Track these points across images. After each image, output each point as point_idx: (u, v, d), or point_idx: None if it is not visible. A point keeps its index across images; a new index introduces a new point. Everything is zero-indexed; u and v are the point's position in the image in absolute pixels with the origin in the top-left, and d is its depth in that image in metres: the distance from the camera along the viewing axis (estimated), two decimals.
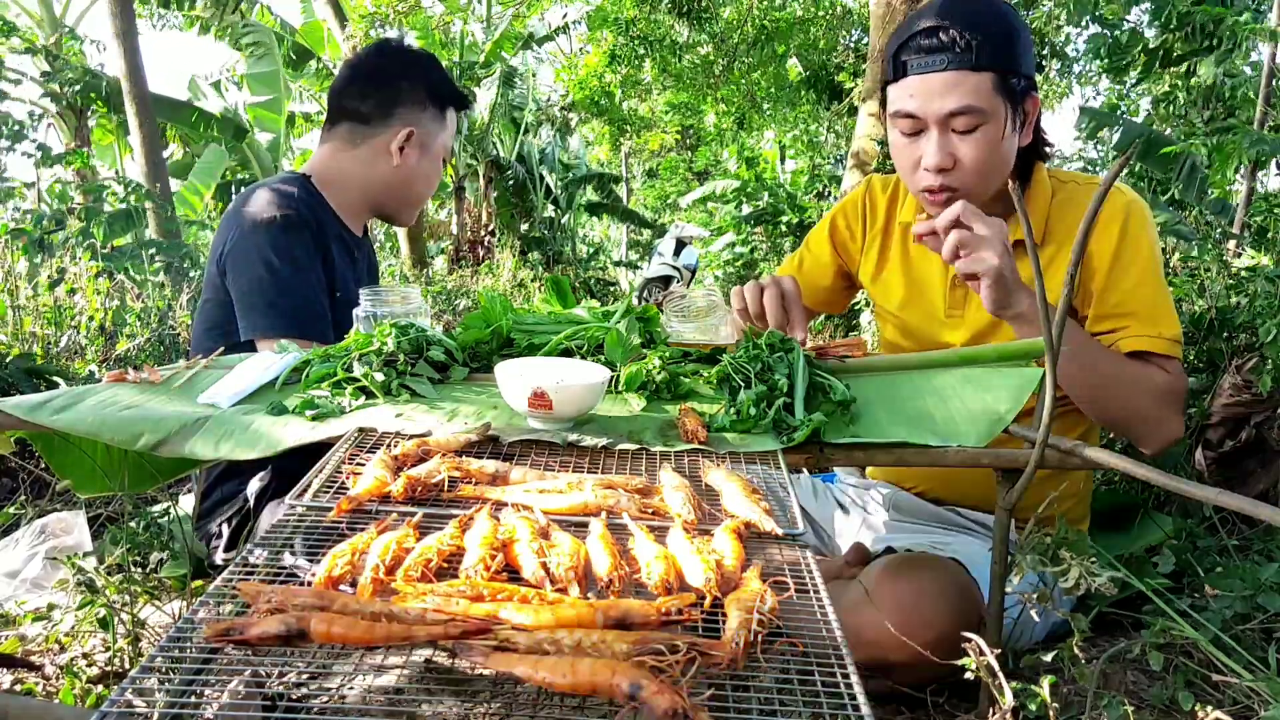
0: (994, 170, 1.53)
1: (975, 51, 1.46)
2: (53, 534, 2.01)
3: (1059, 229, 1.61)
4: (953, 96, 1.48)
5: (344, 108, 1.97)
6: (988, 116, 1.49)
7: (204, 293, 1.95)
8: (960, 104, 1.48)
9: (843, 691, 0.75)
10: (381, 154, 1.95)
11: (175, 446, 1.24)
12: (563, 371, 1.37)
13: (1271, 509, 0.84)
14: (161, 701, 0.74)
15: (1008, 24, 1.50)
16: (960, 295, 1.68)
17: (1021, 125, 1.55)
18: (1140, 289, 1.54)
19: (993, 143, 1.50)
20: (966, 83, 1.47)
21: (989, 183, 1.55)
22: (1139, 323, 1.53)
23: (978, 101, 1.47)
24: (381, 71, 1.95)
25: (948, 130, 1.51)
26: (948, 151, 1.51)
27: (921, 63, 1.49)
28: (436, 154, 2.02)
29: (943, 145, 1.51)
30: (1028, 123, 1.56)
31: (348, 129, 1.96)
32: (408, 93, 1.95)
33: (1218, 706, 1.13)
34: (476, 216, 13.01)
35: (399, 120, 1.94)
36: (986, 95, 1.48)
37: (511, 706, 0.79)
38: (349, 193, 1.97)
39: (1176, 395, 1.53)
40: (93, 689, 1.43)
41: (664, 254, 11.62)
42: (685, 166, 16.28)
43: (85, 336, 3.52)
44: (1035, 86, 1.56)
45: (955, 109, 1.48)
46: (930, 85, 1.49)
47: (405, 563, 0.88)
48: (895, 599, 1.40)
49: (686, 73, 9.25)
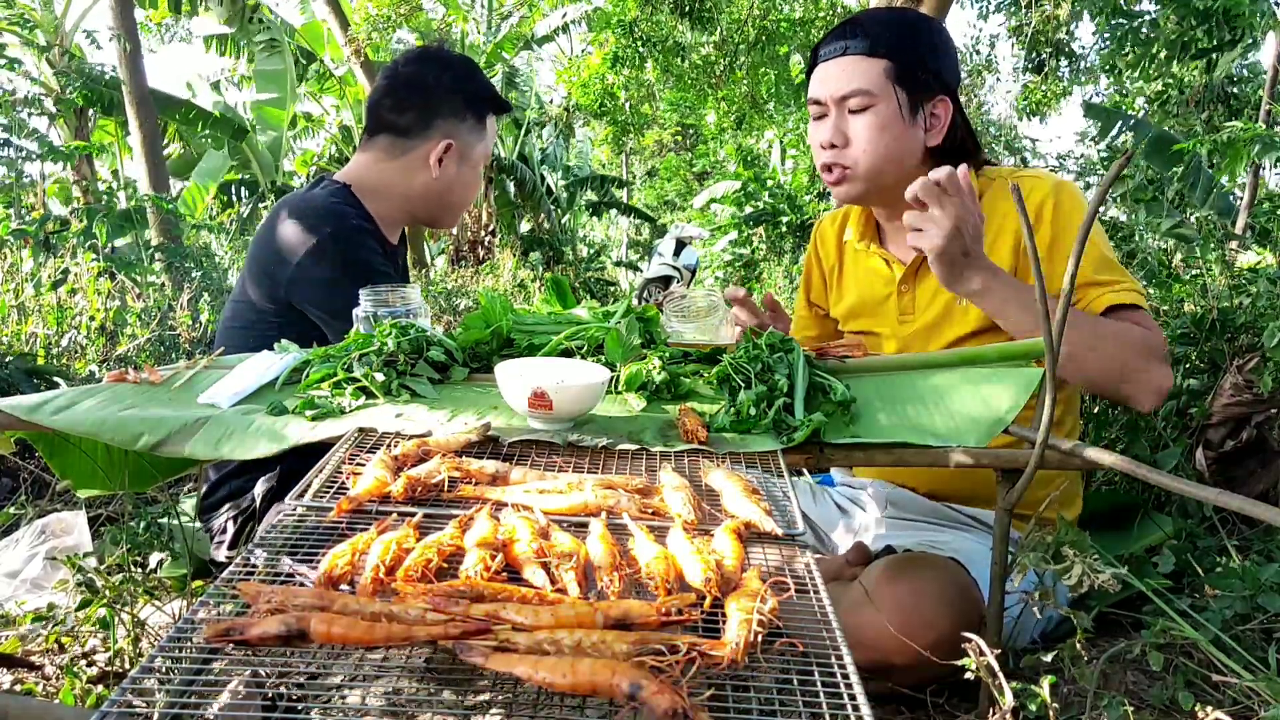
0: (883, 151, 1.64)
1: (872, 40, 1.61)
2: (53, 534, 2.01)
3: (988, 228, 1.63)
4: (845, 78, 1.63)
5: (382, 119, 1.96)
6: (877, 99, 1.61)
7: (236, 293, 1.94)
8: (851, 86, 1.62)
9: (843, 692, 0.75)
10: (421, 165, 1.95)
11: (175, 447, 1.24)
12: (563, 372, 1.37)
13: (1271, 509, 0.84)
14: (161, 702, 0.74)
15: (918, 29, 1.64)
16: (909, 299, 1.75)
17: (928, 124, 1.65)
18: (1084, 263, 1.54)
19: (881, 124, 1.62)
20: (859, 66, 1.62)
21: (878, 164, 1.65)
22: (1096, 288, 1.56)
23: (867, 84, 1.61)
24: (418, 82, 1.94)
25: (844, 112, 1.65)
26: (840, 130, 1.65)
27: (827, 52, 1.66)
28: (476, 162, 2.01)
29: (836, 124, 1.66)
30: (938, 125, 1.66)
31: (387, 141, 1.96)
32: (445, 103, 1.94)
33: (1218, 706, 1.13)
34: (477, 217, 13.00)
35: (438, 132, 1.94)
36: (877, 79, 1.61)
37: (511, 706, 0.79)
38: (388, 202, 1.97)
39: (1157, 345, 1.54)
40: (93, 689, 1.43)
41: (664, 254, 11.62)
42: (685, 167, 16.29)
43: (86, 336, 3.52)
44: (950, 94, 1.67)
45: (847, 91, 1.63)
46: (829, 70, 1.66)
47: (405, 563, 0.88)
48: (895, 600, 1.40)
49: (688, 73, 9.25)
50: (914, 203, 1.45)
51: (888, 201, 1.75)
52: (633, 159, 20.27)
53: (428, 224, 2.10)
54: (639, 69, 8.97)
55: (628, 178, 19.59)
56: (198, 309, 4.11)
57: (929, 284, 1.71)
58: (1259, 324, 2.31)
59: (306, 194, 1.93)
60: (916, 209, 1.44)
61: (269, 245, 1.85)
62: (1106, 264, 1.58)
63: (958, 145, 1.68)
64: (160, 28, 11.21)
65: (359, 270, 1.77)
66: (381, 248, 1.92)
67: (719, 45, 8.95)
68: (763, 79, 9.42)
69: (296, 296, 1.81)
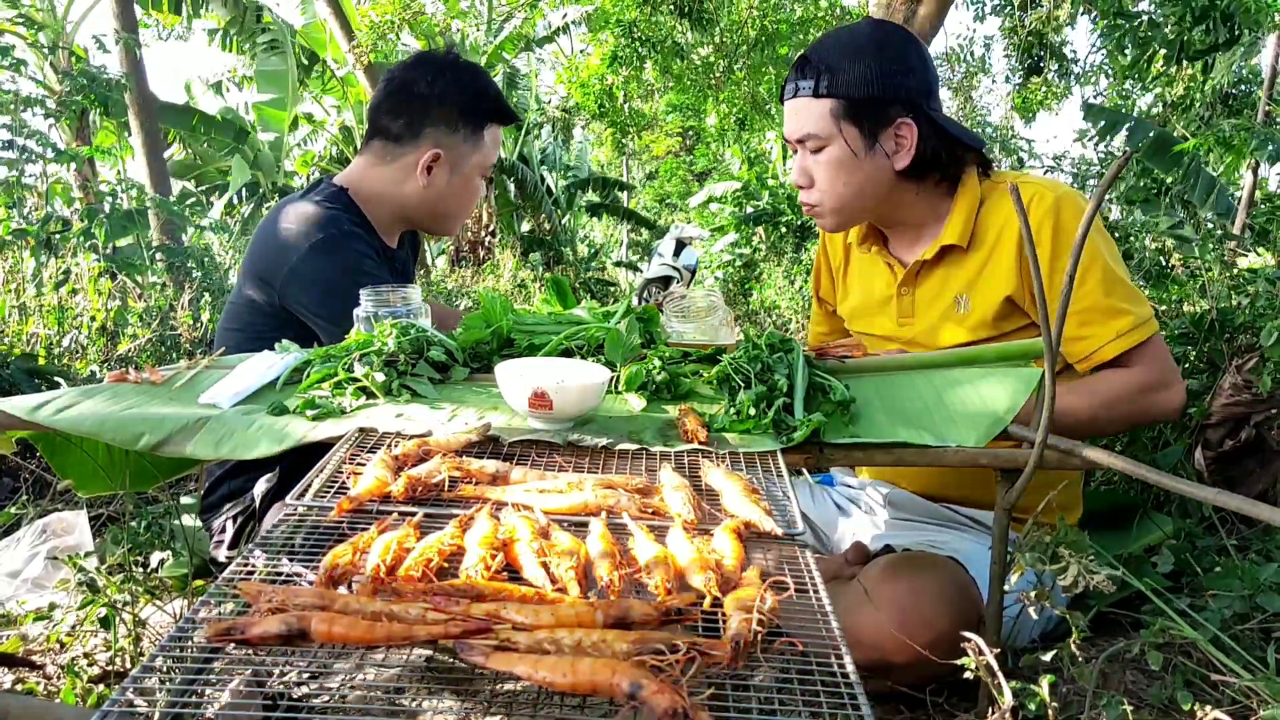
0: (843, 189, 1.64)
1: (817, 81, 1.59)
2: (54, 534, 2.02)
3: (987, 234, 1.64)
4: (797, 122, 1.64)
5: (377, 124, 1.96)
6: (826, 140, 1.61)
7: (234, 294, 1.94)
8: (803, 130, 1.63)
9: (843, 691, 0.75)
10: (410, 173, 1.94)
11: (176, 447, 1.24)
12: (563, 371, 1.37)
13: (1271, 509, 0.84)
14: (162, 701, 0.74)
15: (867, 54, 1.58)
16: (908, 302, 1.75)
17: (896, 147, 1.61)
18: (1087, 284, 1.54)
19: (836, 164, 1.62)
20: (807, 109, 1.62)
21: (842, 201, 1.66)
22: (1100, 325, 1.54)
23: (814, 128, 1.61)
24: (410, 89, 1.93)
25: (806, 152, 1.66)
26: (805, 170, 1.67)
27: (788, 90, 1.66)
28: (469, 174, 1.98)
29: (801, 164, 1.68)
30: (905, 147, 1.61)
31: (380, 145, 1.96)
32: (437, 112, 1.92)
33: (1216, 706, 1.13)
34: (477, 218, 13.00)
35: (427, 140, 1.93)
36: (825, 121, 1.60)
37: (511, 706, 0.79)
38: (383, 207, 1.97)
39: (1160, 379, 1.54)
40: (94, 688, 1.43)
41: (664, 254, 11.60)
42: (685, 168, 16.28)
43: (87, 337, 3.53)
44: (916, 111, 1.60)
45: (801, 135, 1.64)
46: (788, 111, 1.66)
47: (405, 563, 0.88)
48: (895, 599, 1.40)
49: (687, 74, 9.24)
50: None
51: (877, 221, 1.76)
52: (632, 161, 20.25)
53: (425, 231, 2.10)
54: (638, 69, 8.95)
55: (628, 180, 19.59)
56: (198, 309, 4.12)
57: (928, 288, 1.71)
58: (1258, 324, 2.31)
59: (302, 197, 1.93)
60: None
61: (264, 247, 1.86)
62: (1114, 283, 1.55)
63: (931, 159, 1.63)
64: (163, 28, 11.18)
65: (350, 274, 1.77)
66: (376, 251, 1.92)
67: (719, 46, 8.94)
68: (763, 79, 9.41)
69: (290, 299, 1.82)
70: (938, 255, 1.67)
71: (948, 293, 1.68)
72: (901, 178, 1.64)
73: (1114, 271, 1.56)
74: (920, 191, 1.67)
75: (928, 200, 1.68)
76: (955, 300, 1.67)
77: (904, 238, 1.76)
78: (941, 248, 1.66)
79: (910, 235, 1.74)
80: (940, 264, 1.69)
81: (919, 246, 1.72)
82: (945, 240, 1.65)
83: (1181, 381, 1.59)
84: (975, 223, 1.65)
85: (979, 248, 1.65)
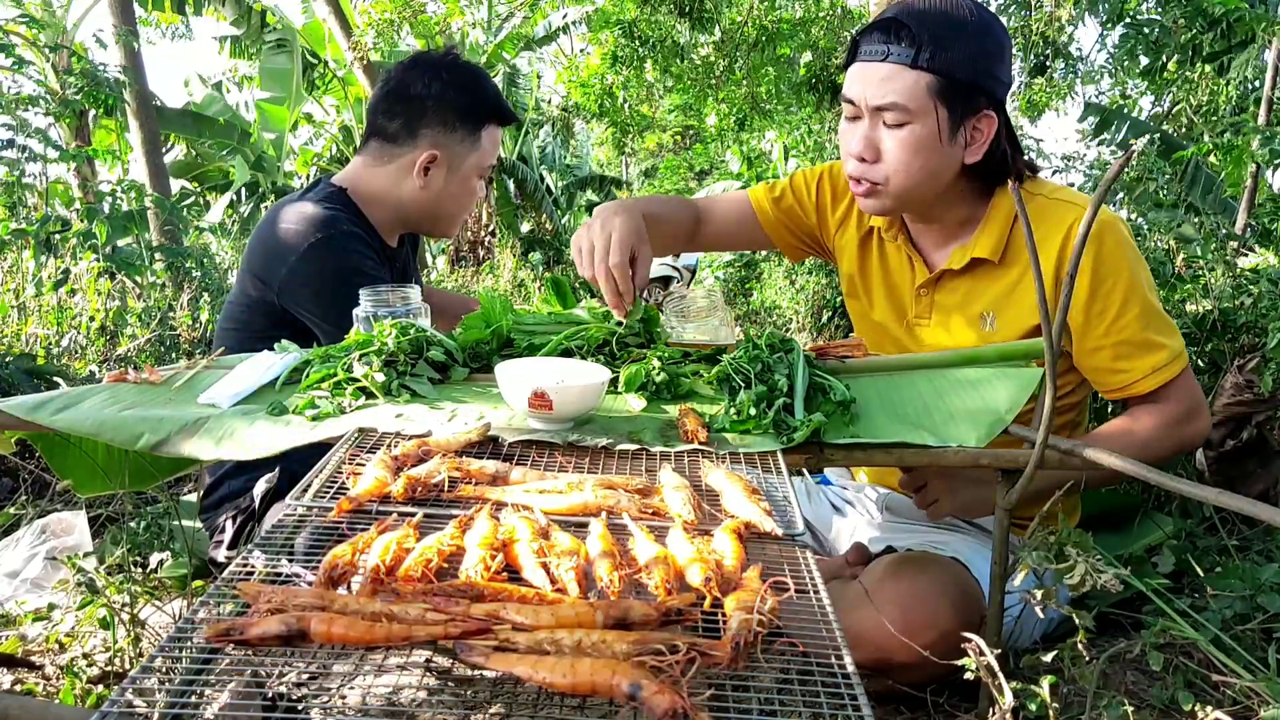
0: (917, 173, 1.52)
1: (918, 50, 1.45)
2: (53, 534, 2.02)
3: (1022, 251, 1.57)
4: (883, 89, 1.48)
5: (375, 124, 1.95)
6: (915, 116, 1.47)
7: (233, 294, 1.94)
8: (888, 99, 1.47)
9: (843, 691, 0.75)
10: (407, 173, 1.93)
11: (175, 447, 1.24)
12: (563, 372, 1.37)
13: (1271, 509, 0.84)
14: (162, 701, 0.74)
15: (971, 34, 1.47)
16: (926, 304, 1.69)
17: (968, 141, 1.52)
18: (1126, 316, 1.50)
19: (917, 143, 1.49)
20: (900, 79, 1.46)
21: (910, 184, 1.53)
22: (1137, 359, 1.51)
23: (905, 99, 1.46)
24: (410, 89, 1.92)
25: (878, 122, 1.51)
26: (873, 142, 1.52)
27: (868, 51, 1.50)
28: (466, 175, 1.97)
29: (868, 135, 1.52)
30: (979, 140, 1.53)
31: (377, 145, 1.95)
32: (434, 113, 1.91)
33: (1217, 706, 1.13)
34: (477, 217, 13.00)
35: (424, 141, 1.92)
36: (918, 95, 1.46)
37: (511, 706, 0.79)
38: (381, 207, 1.96)
39: (1190, 405, 1.54)
40: (93, 689, 1.43)
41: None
42: (685, 166, 16.28)
43: (86, 337, 3.53)
44: (998, 106, 1.53)
45: (883, 103, 1.48)
46: (868, 74, 1.50)
47: (405, 563, 0.88)
48: (896, 599, 1.40)
49: (687, 74, 9.24)
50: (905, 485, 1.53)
51: (916, 214, 1.66)
52: (630, 160, 20.25)
53: (424, 233, 2.10)
54: (638, 69, 8.95)
55: (627, 179, 19.59)
56: (198, 309, 4.12)
57: (952, 297, 1.65)
58: (1260, 324, 2.31)
59: (301, 197, 1.93)
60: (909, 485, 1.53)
61: (263, 248, 1.86)
62: (1152, 315, 1.52)
63: (998, 159, 1.55)
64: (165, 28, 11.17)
65: (348, 275, 1.76)
66: (377, 251, 1.91)
67: (719, 46, 8.94)
68: (763, 79, 9.40)
69: (288, 300, 1.82)
70: (966, 266, 1.61)
71: (972, 307, 1.62)
72: (964, 173, 1.56)
73: (1152, 304, 1.52)
74: (966, 191, 1.59)
75: (967, 202, 1.61)
76: (981, 317, 1.60)
77: (930, 235, 1.68)
78: (971, 259, 1.59)
79: (937, 234, 1.66)
80: (967, 275, 1.62)
81: (946, 248, 1.65)
82: (976, 253, 1.58)
83: (1207, 408, 1.57)
84: (1009, 237, 1.58)
85: (1012, 264, 1.58)
